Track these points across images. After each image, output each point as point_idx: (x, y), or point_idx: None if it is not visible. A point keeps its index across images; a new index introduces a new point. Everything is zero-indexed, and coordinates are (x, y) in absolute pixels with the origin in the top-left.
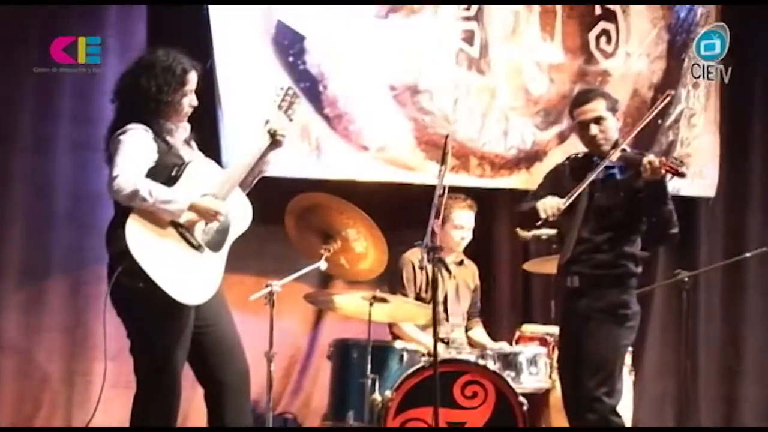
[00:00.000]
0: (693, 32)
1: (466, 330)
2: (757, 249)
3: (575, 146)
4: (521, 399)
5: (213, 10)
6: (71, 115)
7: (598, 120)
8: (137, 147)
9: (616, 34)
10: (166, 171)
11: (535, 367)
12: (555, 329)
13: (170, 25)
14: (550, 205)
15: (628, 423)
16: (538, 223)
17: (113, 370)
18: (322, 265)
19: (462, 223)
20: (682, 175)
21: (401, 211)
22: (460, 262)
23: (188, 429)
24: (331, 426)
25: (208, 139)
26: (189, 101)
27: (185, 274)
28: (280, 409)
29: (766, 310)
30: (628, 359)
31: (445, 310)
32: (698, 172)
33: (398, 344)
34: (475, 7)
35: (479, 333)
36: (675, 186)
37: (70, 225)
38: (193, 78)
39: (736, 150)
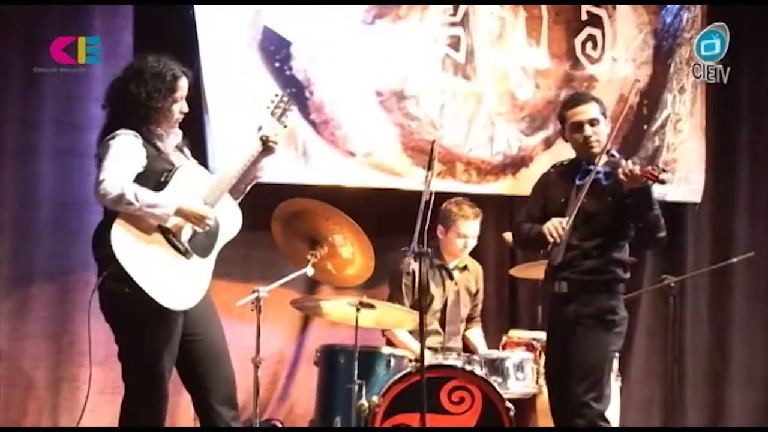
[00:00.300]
0: (679, 37)
1: (465, 329)
2: (743, 254)
3: (561, 151)
4: (508, 404)
5: (199, 15)
6: (55, 120)
7: (592, 122)
8: (125, 152)
9: (602, 40)
10: (155, 176)
11: (521, 372)
12: (541, 335)
13: (157, 31)
14: (554, 227)
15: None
16: (549, 248)
17: (100, 376)
18: (309, 270)
19: (467, 232)
20: (662, 182)
21: (388, 217)
22: (464, 267)
23: (184, 429)
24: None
25: (194, 145)
26: (179, 108)
27: (172, 279)
28: (266, 416)
29: (752, 315)
30: (614, 364)
31: (443, 318)
32: (684, 178)
33: (385, 350)
34: (461, 13)
35: (477, 335)
36: (661, 191)
37: (55, 231)
38: (183, 84)
39: (723, 155)
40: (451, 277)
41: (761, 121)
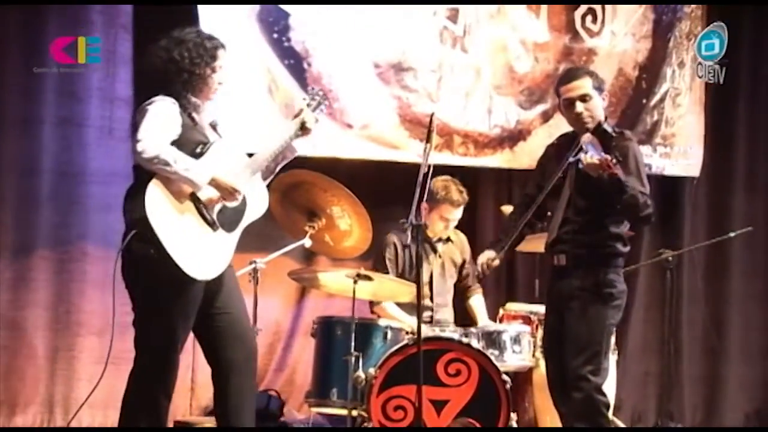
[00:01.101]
0: (679, 11)
1: (466, 299)
2: (741, 229)
3: (559, 125)
4: (504, 377)
5: None
6: (56, 90)
7: (583, 98)
8: (163, 116)
9: (602, 13)
10: (189, 146)
11: (518, 345)
12: (539, 308)
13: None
14: (482, 263)
15: (612, 402)
16: (481, 278)
17: (97, 345)
18: (307, 242)
19: (450, 217)
20: (614, 174)
21: (385, 189)
22: (447, 239)
23: (184, 429)
24: (314, 402)
25: None
26: (218, 79)
27: (196, 248)
28: (263, 386)
29: (749, 289)
30: (612, 338)
31: (431, 290)
32: (683, 152)
33: (382, 322)
34: None
35: (477, 302)
36: (659, 165)
37: (54, 201)
38: (223, 54)
39: (721, 130)
40: (435, 251)
41: (760, 97)
